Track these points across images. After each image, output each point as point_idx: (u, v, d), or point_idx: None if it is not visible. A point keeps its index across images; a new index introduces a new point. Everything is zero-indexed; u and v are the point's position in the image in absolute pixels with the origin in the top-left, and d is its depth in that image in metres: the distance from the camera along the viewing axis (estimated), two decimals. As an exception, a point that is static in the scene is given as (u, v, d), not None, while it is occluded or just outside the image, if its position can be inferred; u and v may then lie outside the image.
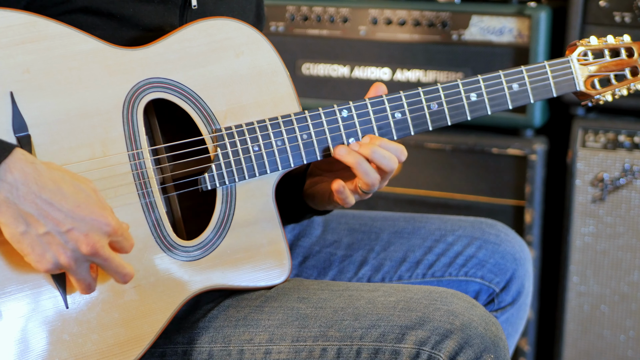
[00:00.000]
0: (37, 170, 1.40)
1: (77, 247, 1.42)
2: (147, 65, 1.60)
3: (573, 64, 1.91)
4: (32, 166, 1.40)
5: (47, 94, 1.51)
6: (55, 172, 1.43)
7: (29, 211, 1.39)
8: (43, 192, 1.40)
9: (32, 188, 1.39)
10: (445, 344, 1.52)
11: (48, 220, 1.40)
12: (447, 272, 1.95)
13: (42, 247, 1.41)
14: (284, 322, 1.61)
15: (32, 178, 1.39)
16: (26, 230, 1.40)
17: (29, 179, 1.39)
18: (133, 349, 1.55)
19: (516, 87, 1.84)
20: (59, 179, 1.42)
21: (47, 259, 1.41)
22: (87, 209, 1.42)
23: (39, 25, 1.51)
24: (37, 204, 1.39)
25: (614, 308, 2.79)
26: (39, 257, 1.41)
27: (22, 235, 1.40)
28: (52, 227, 1.40)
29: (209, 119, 1.64)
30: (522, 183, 2.82)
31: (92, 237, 1.42)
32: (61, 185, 1.42)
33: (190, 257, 1.62)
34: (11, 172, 1.38)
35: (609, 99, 1.95)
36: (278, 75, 1.70)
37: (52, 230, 1.41)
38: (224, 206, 1.65)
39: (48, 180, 1.41)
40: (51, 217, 1.40)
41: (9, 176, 1.38)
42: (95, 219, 1.43)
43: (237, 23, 1.68)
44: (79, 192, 1.43)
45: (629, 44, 1.96)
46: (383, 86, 1.76)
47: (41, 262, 1.41)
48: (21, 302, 1.47)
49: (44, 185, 1.40)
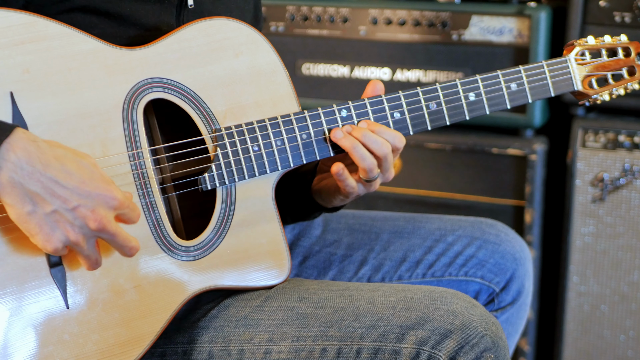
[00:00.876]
0: (40, 148, 1.39)
1: (85, 223, 1.41)
2: (146, 65, 1.60)
3: (571, 64, 1.91)
4: (35, 144, 1.39)
5: (47, 94, 1.51)
6: (58, 149, 1.42)
7: (35, 190, 1.38)
8: (48, 170, 1.39)
9: (37, 167, 1.38)
10: (445, 343, 1.52)
11: (55, 198, 1.39)
12: (447, 272, 1.95)
13: (50, 225, 1.40)
14: (284, 322, 1.61)
15: (36, 156, 1.38)
16: (33, 210, 1.39)
17: (32, 157, 1.38)
18: (133, 349, 1.55)
19: (514, 86, 1.84)
20: (62, 157, 1.41)
21: (55, 238, 1.41)
22: (92, 185, 1.42)
23: (38, 25, 1.51)
24: (43, 182, 1.39)
25: (614, 308, 2.79)
26: (48, 237, 1.40)
27: (29, 216, 1.39)
28: (59, 205, 1.40)
29: (208, 118, 1.64)
30: (522, 183, 2.82)
31: (99, 212, 1.42)
32: (65, 162, 1.41)
33: (190, 257, 1.62)
34: (14, 151, 1.37)
35: (607, 98, 1.96)
36: (277, 75, 1.70)
37: (59, 209, 1.40)
38: (224, 206, 1.65)
39: (52, 158, 1.40)
40: (58, 195, 1.39)
41: (12, 155, 1.37)
42: (101, 194, 1.42)
43: (236, 23, 1.68)
44: (82, 169, 1.42)
45: (626, 44, 1.97)
46: (380, 84, 1.76)
47: (50, 241, 1.41)
48: (22, 303, 1.47)
49: (48, 163, 1.39)
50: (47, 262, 1.49)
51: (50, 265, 1.49)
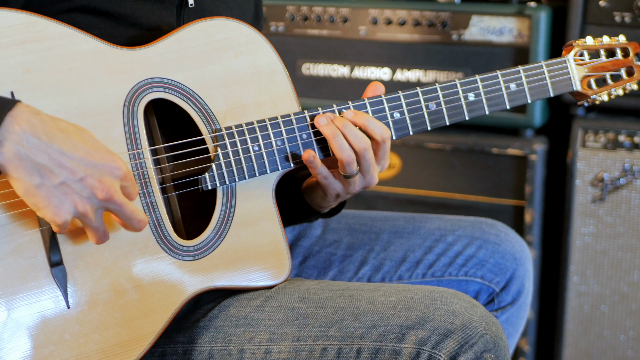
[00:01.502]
0: (44, 121, 1.39)
1: (93, 193, 1.41)
2: (147, 65, 1.60)
3: (569, 64, 1.91)
4: (38, 117, 1.39)
5: (47, 94, 1.51)
6: (61, 122, 1.42)
7: (42, 162, 1.38)
8: (53, 141, 1.39)
9: (42, 138, 1.38)
10: (445, 343, 1.52)
11: (62, 169, 1.39)
12: (447, 272, 1.95)
13: (59, 197, 1.40)
14: (285, 322, 1.61)
15: (41, 128, 1.38)
16: (41, 182, 1.38)
17: (37, 129, 1.38)
18: (134, 348, 1.55)
19: (514, 87, 1.84)
20: (66, 129, 1.41)
21: (64, 209, 1.40)
22: (98, 155, 1.42)
23: (39, 25, 1.51)
24: (50, 154, 1.38)
25: (614, 308, 2.79)
26: (56, 209, 1.40)
27: (37, 188, 1.39)
28: (67, 177, 1.39)
29: (209, 118, 1.64)
30: (522, 183, 2.82)
31: (106, 182, 1.42)
32: (69, 134, 1.41)
33: (190, 257, 1.62)
34: (18, 124, 1.37)
35: (605, 98, 1.96)
36: (277, 75, 1.71)
37: (66, 180, 1.39)
38: (224, 206, 1.65)
39: (56, 130, 1.40)
40: (65, 166, 1.39)
41: (17, 127, 1.37)
42: (107, 164, 1.42)
43: (237, 23, 1.68)
44: (86, 140, 1.42)
45: (625, 44, 1.97)
46: (381, 85, 1.76)
47: (59, 213, 1.40)
48: (22, 302, 1.47)
49: (53, 135, 1.39)
50: (47, 261, 1.49)
51: (51, 265, 1.49)
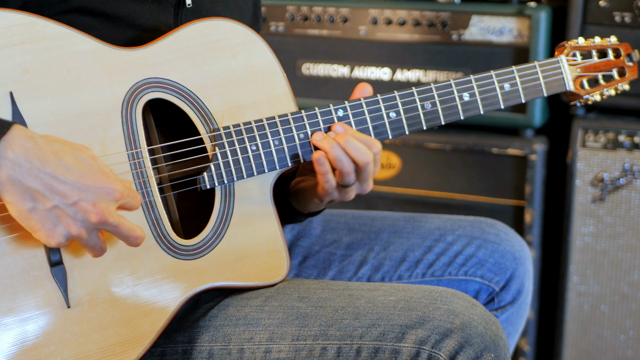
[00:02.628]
0: (38, 145, 1.39)
1: (86, 217, 1.41)
2: (145, 66, 1.60)
3: (562, 64, 1.92)
4: (32, 141, 1.39)
5: (46, 94, 1.51)
6: (55, 144, 1.42)
7: (35, 187, 1.38)
8: (46, 166, 1.39)
9: (35, 163, 1.38)
10: (445, 343, 1.52)
11: (54, 194, 1.39)
12: (447, 272, 1.95)
13: (52, 221, 1.40)
14: (284, 321, 1.62)
15: (34, 153, 1.38)
16: (34, 207, 1.39)
17: (30, 154, 1.38)
18: (134, 348, 1.56)
19: (507, 87, 1.85)
20: (60, 151, 1.41)
21: (58, 233, 1.41)
22: (92, 178, 1.42)
23: (37, 25, 1.51)
24: (42, 179, 1.38)
25: (614, 308, 2.79)
26: (50, 232, 1.40)
27: (30, 212, 1.39)
28: (60, 201, 1.40)
29: (206, 118, 1.64)
30: (522, 183, 2.82)
31: (100, 205, 1.42)
32: (63, 157, 1.41)
33: (189, 256, 1.62)
34: (12, 148, 1.37)
35: (597, 98, 1.96)
36: (274, 75, 1.71)
37: (59, 204, 1.40)
38: (223, 205, 1.65)
39: (49, 154, 1.40)
40: (57, 191, 1.39)
41: (10, 153, 1.37)
42: (101, 187, 1.42)
43: (233, 23, 1.68)
44: (80, 162, 1.42)
45: (616, 45, 1.97)
46: (369, 86, 1.76)
47: (52, 236, 1.41)
48: (23, 302, 1.48)
49: (46, 159, 1.39)
50: (47, 261, 1.49)
51: (51, 265, 1.49)
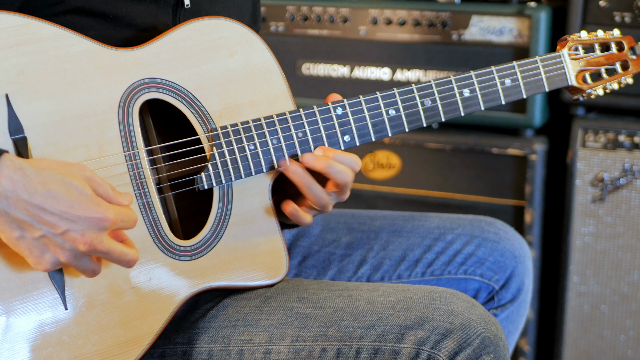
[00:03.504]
0: (26, 176, 1.39)
1: (74, 247, 1.41)
2: (141, 66, 1.60)
3: (564, 59, 1.91)
4: (20, 172, 1.39)
5: (42, 96, 1.51)
6: (45, 173, 1.41)
7: (22, 218, 1.38)
8: (33, 198, 1.38)
9: (22, 196, 1.38)
10: (444, 343, 1.52)
11: (42, 224, 1.39)
12: (447, 271, 1.95)
13: (40, 249, 1.41)
14: (284, 322, 1.61)
15: (21, 185, 1.38)
16: (22, 235, 1.40)
17: (17, 186, 1.38)
18: (133, 349, 1.55)
19: (509, 82, 1.84)
20: (50, 181, 1.40)
21: (45, 260, 1.41)
22: (81, 208, 1.41)
23: (32, 27, 1.51)
24: (29, 210, 1.38)
25: (614, 308, 2.79)
26: (38, 259, 1.41)
27: (18, 240, 1.40)
28: (47, 231, 1.40)
29: (204, 118, 1.64)
30: (522, 183, 2.82)
31: (89, 235, 1.41)
32: (51, 187, 1.40)
33: (188, 257, 1.62)
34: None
35: (600, 93, 1.96)
36: (272, 74, 1.71)
37: (47, 233, 1.40)
38: (221, 205, 1.65)
39: (38, 185, 1.39)
40: (44, 221, 1.39)
41: None
42: (90, 217, 1.41)
43: (231, 22, 1.68)
44: (70, 191, 1.41)
45: (619, 38, 1.96)
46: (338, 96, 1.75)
47: (40, 263, 1.41)
48: (20, 305, 1.47)
49: (34, 190, 1.38)
50: (45, 263, 1.49)
51: (49, 267, 1.49)
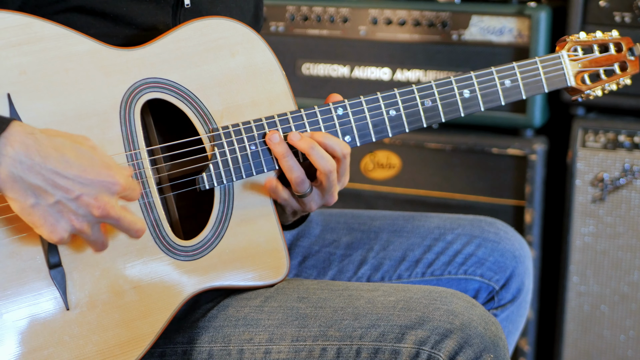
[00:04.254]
0: (38, 140, 1.39)
1: (88, 211, 1.42)
2: (143, 66, 1.60)
3: (564, 60, 1.91)
4: (32, 137, 1.39)
5: (44, 96, 1.51)
6: (56, 138, 1.42)
7: (36, 183, 1.38)
8: (47, 161, 1.39)
9: (36, 159, 1.38)
10: (445, 343, 1.52)
11: (57, 189, 1.39)
12: (447, 271, 1.95)
13: (54, 216, 1.41)
14: (284, 322, 1.62)
15: (34, 149, 1.38)
16: (36, 202, 1.39)
17: (30, 150, 1.38)
18: (134, 349, 1.55)
19: (508, 83, 1.84)
20: (61, 146, 1.41)
21: (60, 228, 1.41)
22: (93, 172, 1.42)
23: (34, 26, 1.51)
24: (44, 175, 1.39)
25: (614, 308, 2.79)
26: (52, 227, 1.41)
27: (32, 208, 1.40)
28: (62, 196, 1.40)
29: (205, 118, 1.64)
30: (522, 183, 2.82)
31: (102, 199, 1.42)
32: (64, 152, 1.41)
33: (189, 257, 1.62)
34: (11, 145, 1.37)
35: (599, 93, 1.96)
36: (273, 73, 1.71)
37: (62, 199, 1.40)
38: (222, 205, 1.65)
39: (50, 149, 1.40)
40: (59, 186, 1.39)
41: (10, 150, 1.37)
42: (103, 181, 1.42)
43: (232, 22, 1.68)
44: (82, 156, 1.42)
45: (618, 39, 1.97)
46: (339, 96, 1.76)
47: (55, 231, 1.41)
48: (21, 305, 1.47)
49: (47, 154, 1.39)
50: (46, 263, 1.49)
51: (49, 267, 1.49)
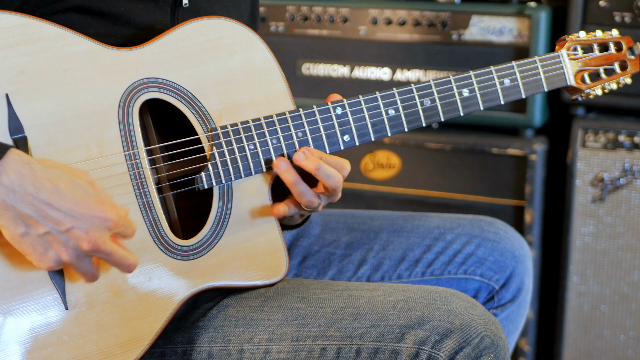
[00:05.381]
0: (33, 171, 1.40)
1: (78, 245, 1.42)
2: (141, 66, 1.60)
3: (563, 59, 1.91)
4: (28, 167, 1.40)
5: (42, 96, 1.51)
6: (52, 170, 1.42)
7: (28, 213, 1.39)
8: (40, 192, 1.39)
9: (29, 190, 1.38)
10: (445, 343, 1.52)
11: (47, 220, 1.40)
12: (447, 271, 1.95)
13: (43, 246, 1.41)
14: (284, 322, 1.62)
15: (29, 179, 1.39)
16: (26, 232, 1.40)
17: (25, 180, 1.38)
18: (133, 349, 1.56)
19: (508, 82, 1.84)
20: (56, 178, 1.41)
21: (48, 258, 1.42)
22: (86, 206, 1.42)
23: (33, 27, 1.51)
24: (35, 205, 1.39)
25: (614, 308, 2.79)
26: (41, 257, 1.41)
27: (22, 237, 1.40)
28: (52, 227, 1.40)
29: (204, 118, 1.64)
30: (522, 183, 2.82)
31: (93, 234, 1.42)
32: (58, 184, 1.41)
33: (188, 257, 1.62)
34: (7, 174, 1.38)
35: (599, 93, 1.96)
36: (272, 73, 1.71)
37: (52, 230, 1.40)
38: (221, 205, 1.65)
39: (45, 180, 1.40)
40: (50, 218, 1.40)
41: (5, 178, 1.38)
42: (95, 216, 1.42)
43: (230, 22, 1.68)
44: (76, 189, 1.42)
45: (618, 38, 1.97)
46: (338, 96, 1.76)
47: (43, 260, 1.42)
48: (20, 305, 1.48)
49: (41, 185, 1.39)
50: (46, 263, 1.49)
51: (49, 267, 1.50)
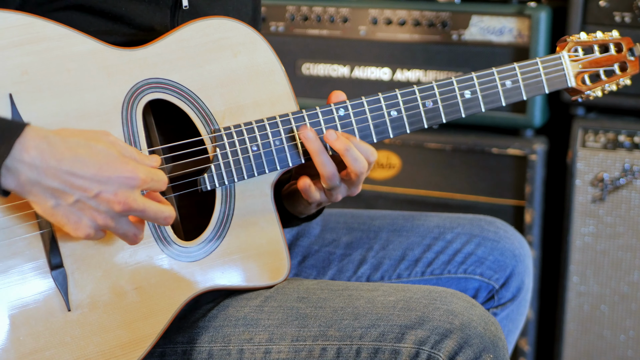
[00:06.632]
0: (52, 143, 1.40)
1: (110, 207, 1.42)
2: (145, 66, 1.60)
3: (564, 60, 1.91)
4: (46, 140, 1.39)
5: (46, 96, 1.51)
6: (70, 139, 1.42)
7: (54, 185, 1.39)
8: (62, 164, 1.39)
9: (51, 163, 1.39)
10: (444, 343, 1.53)
11: (74, 189, 1.40)
12: (446, 270, 1.96)
13: (77, 214, 1.41)
14: (284, 322, 1.62)
15: (49, 152, 1.39)
16: (57, 203, 1.40)
17: (45, 154, 1.38)
18: (135, 350, 1.56)
19: (509, 84, 1.84)
20: (75, 146, 1.41)
21: (84, 224, 1.42)
22: (110, 169, 1.42)
23: (36, 26, 1.51)
24: (60, 177, 1.39)
25: (614, 308, 2.79)
26: (76, 225, 1.42)
27: (53, 209, 1.40)
28: (80, 195, 1.40)
29: (207, 119, 1.64)
30: (522, 183, 2.82)
31: (122, 194, 1.42)
32: (78, 151, 1.41)
33: (190, 258, 1.62)
34: (27, 151, 1.38)
35: (599, 94, 1.96)
36: (275, 74, 1.70)
37: (81, 198, 1.41)
38: (223, 206, 1.65)
39: (65, 150, 1.40)
40: (76, 186, 1.40)
41: (26, 156, 1.37)
42: (120, 176, 1.42)
43: (234, 22, 1.68)
44: (97, 154, 1.42)
45: (618, 40, 1.97)
46: (343, 94, 1.76)
47: (79, 228, 1.42)
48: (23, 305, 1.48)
49: (62, 156, 1.39)
50: (48, 264, 1.49)
51: (51, 268, 1.49)
